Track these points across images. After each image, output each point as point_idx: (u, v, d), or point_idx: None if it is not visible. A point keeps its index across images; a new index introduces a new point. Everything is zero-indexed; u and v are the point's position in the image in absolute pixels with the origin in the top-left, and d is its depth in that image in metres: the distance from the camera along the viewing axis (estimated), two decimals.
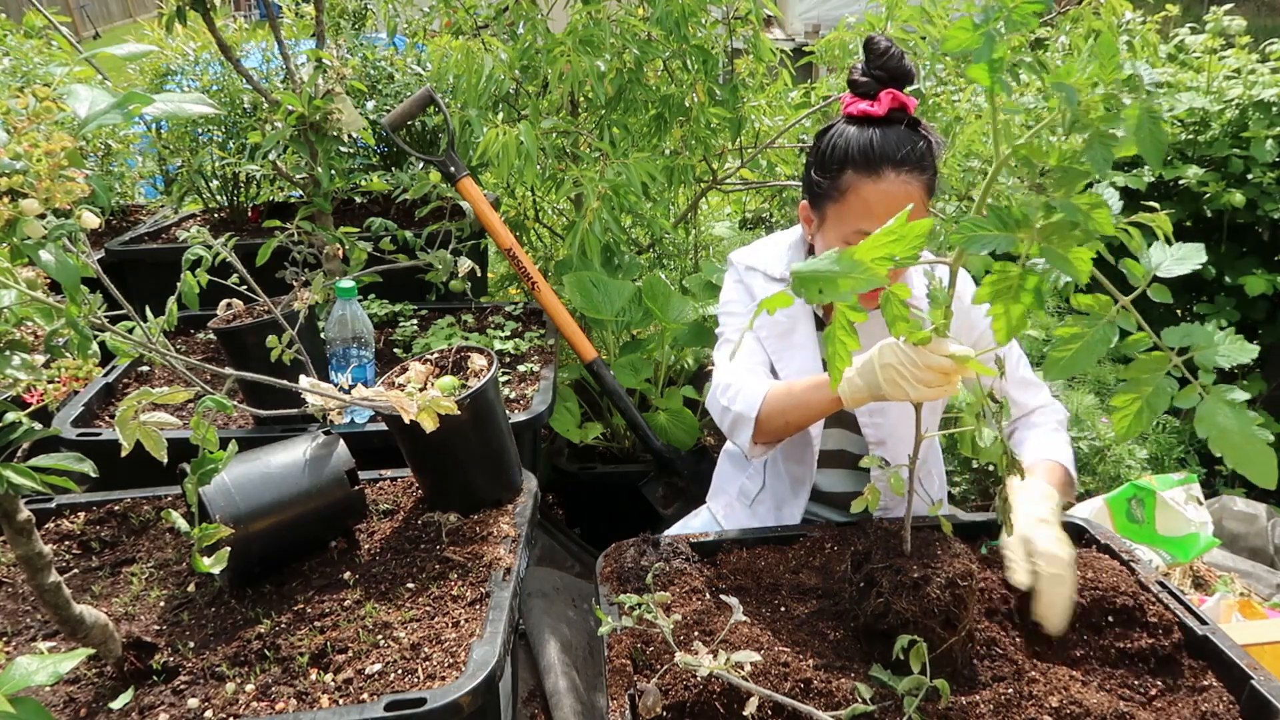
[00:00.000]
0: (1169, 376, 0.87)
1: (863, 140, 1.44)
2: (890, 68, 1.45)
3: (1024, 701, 1.21)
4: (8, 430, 0.99)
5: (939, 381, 1.19)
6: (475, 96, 2.25)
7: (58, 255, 0.83)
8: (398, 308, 2.58)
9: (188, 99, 0.98)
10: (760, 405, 1.50)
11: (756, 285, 1.68)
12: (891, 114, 1.45)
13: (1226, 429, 0.83)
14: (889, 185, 1.43)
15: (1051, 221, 0.91)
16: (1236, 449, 0.83)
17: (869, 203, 1.45)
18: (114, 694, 1.20)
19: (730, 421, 1.56)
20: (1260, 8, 6.33)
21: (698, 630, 1.29)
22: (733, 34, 2.54)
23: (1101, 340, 0.90)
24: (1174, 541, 2.17)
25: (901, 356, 1.21)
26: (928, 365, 1.18)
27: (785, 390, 1.50)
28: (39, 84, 1.09)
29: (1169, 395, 0.87)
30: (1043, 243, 0.91)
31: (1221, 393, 0.85)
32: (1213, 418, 0.84)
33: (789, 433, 1.54)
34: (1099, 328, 0.90)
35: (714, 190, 2.96)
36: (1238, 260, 3.16)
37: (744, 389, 1.54)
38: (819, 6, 9.07)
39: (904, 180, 1.43)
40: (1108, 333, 0.90)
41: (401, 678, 1.20)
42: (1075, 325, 0.92)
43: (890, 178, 1.43)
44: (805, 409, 1.46)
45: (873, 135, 1.44)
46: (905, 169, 1.43)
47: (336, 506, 1.49)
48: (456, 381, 1.54)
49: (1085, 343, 0.91)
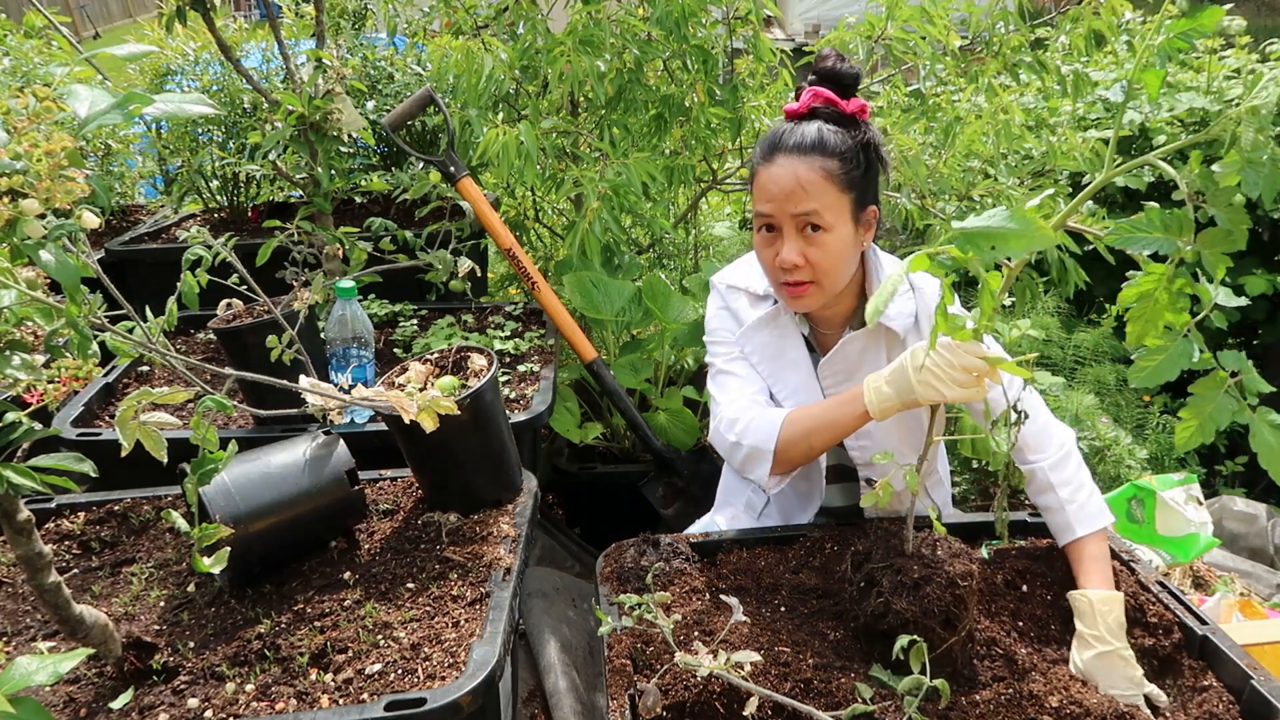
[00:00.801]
0: (1227, 395, 1.04)
1: (769, 133, 1.51)
2: (821, 70, 1.51)
3: (1024, 701, 1.21)
4: (8, 430, 0.99)
5: (972, 383, 1.23)
6: (475, 96, 2.25)
7: (58, 255, 0.83)
8: (398, 308, 2.58)
9: (188, 99, 0.98)
10: (778, 435, 1.49)
11: (741, 306, 1.66)
12: (813, 110, 1.50)
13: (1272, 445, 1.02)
14: (777, 167, 1.47)
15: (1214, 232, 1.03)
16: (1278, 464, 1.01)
17: (762, 185, 1.50)
18: (114, 694, 1.20)
19: (743, 456, 1.54)
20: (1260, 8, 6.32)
21: (698, 630, 1.29)
22: (733, 34, 2.54)
23: (1183, 354, 1.05)
24: (1174, 541, 2.17)
25: (936, 358, 1.24)
26: (963, 365, 1.21)
27: (805, 414, 1.49)
28: (39, 84, 1.09)
29: (1230, 412, 1.04)
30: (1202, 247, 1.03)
31: (1265, 414, 1.03)
32: (1261, 434, 1.03)
33: (812, 457, 1.52)
34: (1181, 343, 1.06)
35: (714, 190, 2.95)
36: (1238, 260, 3.16)
37: (754, 421, 1.52)
38: (819, 6, 9.07)
39: (792, 162, 1.45)
40: (1187, 347, 1.05)
41: (401, 678, 1.20)
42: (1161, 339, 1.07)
43: (779, 160, 1.47)
44: (831, 427, 1.45)
45: (780, 128, 1.50)
46: (795, 153, 1.46)
47: (336, 506, 1.49)
48: (456, 381, 1.54)
49: (1169, 355, 1.05)
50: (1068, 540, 1.47)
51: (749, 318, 1.64)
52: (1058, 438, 1.51)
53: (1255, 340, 3.32)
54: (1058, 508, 1.48)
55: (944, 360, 1.23)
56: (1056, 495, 1.47)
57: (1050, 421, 1.54)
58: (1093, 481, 1.52)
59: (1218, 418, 1.04)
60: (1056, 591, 1.45)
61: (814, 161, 1.45)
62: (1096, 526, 1.46)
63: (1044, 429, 1.52)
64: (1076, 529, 1.45)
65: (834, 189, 1.45)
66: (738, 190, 3.19)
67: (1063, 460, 1.49)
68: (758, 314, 1.63)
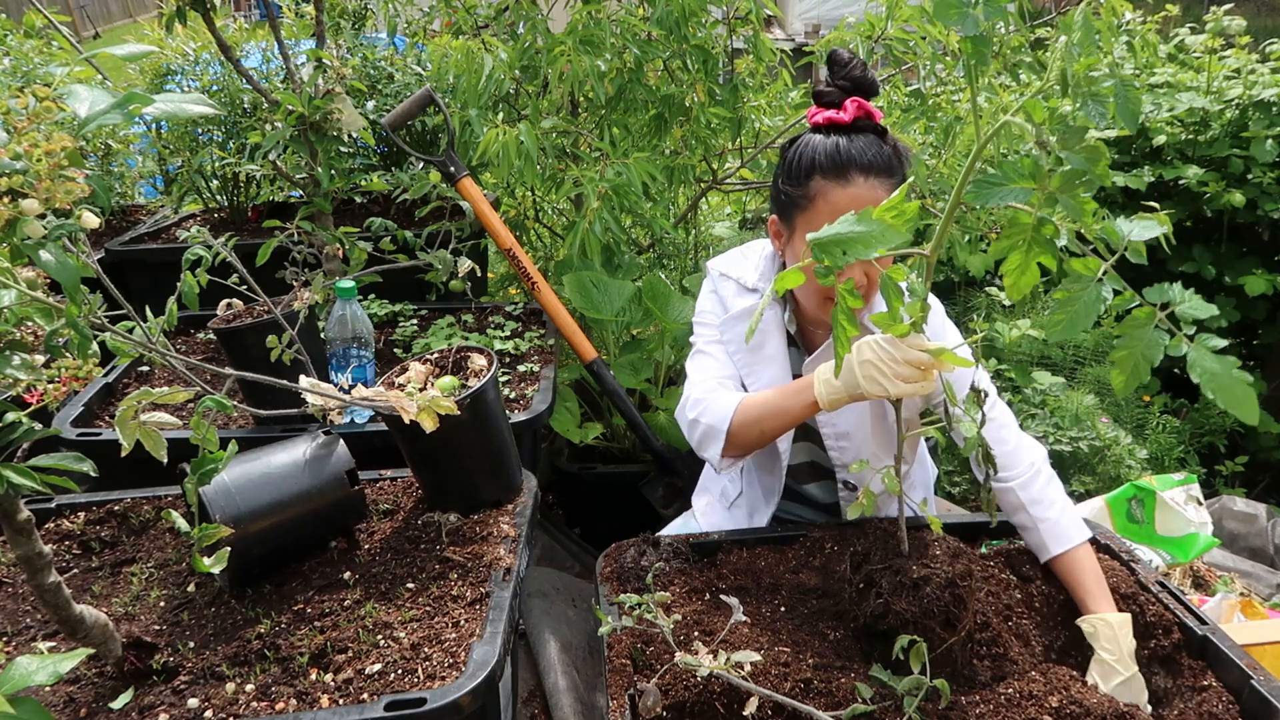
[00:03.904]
0: (1158, 330, 0.95)
1: (829, 146, 1.45)
2: (854, 78, 1.47)
3: (1024, 701, 1.21)
4: (8, 430, 1.00)
5: (916, 376, 1.21)
6: (475, 96, 2.25)
7: (58, 255, 0.83)
8: (398, 308, 2.58)
9: (188, 99, 0.98)
10: (732, 417, 1.50)
11: (729, 293, 1.66)
12: (858, 121, 1.47)
13: (1215, 372, 0.92)
14: (857, 189, 1.44)
15: (1062, 174, 0.98)
16: (1225, 389, 0.91)
17: (837, 207, 1.43)
18: (114, 694, 1.20)
19: (700, 434, 1.56)
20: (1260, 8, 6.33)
21: (698, 630, 1.29)
22: (733, 34, 2.54)
23: (1095, 300, 0.98)
24: (1174, 541, 2.17)
25: (880, 352, 1.23)
26: (905, 359, 1.21)
27: (759, 399, 1.50)
28: (39, 84, 1.09)
29: (1162, 346, 0.95)
30: (1057, 191, 0.99)
31: (1204, 340, 0.93)
32: (1202, 363, 0.92)
33: (764, 442, 1.54)
34: (1091, 288, 0.98)
35: (714, 190, 2.95)
36: (1238, 260, 3.16)
37: (714, 402, 1.55)
38: (819, 6, 9.07)
39: (871, 185, 1.43)
40: (1098, 291, 0.98)
41: (401, 678, 1.20)
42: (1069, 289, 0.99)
43: (859, 182, 1.43)
44: (781, 415, 1.47)
45: (839, 142, 1.45)
46: (873, 174, 1.43)
47: (336, 506, 1.49)
48: (456, 381, 1.54)
49: (1081, 302, 0.98)
50: (1046, 559, 1.47)
51: (734, 306, 1.65)
52: (1028, 457, 1.50)
53: (1255, 340, 3.32)
54: (1031, 527, 1.48)
55: (886, 354, 1.22)
56: (1028, 514, 1.47)
57: (1021, 443, 1.52)
58: (1067, 499, 1.51)
59: (1150, 354, 0.95)
60: (1056, 590, 1.45)
61: (886, 181, 1.44)
62: (1069, 545, 1.45)
63: (1015, 450, 1.50)
64: (1051, 547, 1.45)
65: None
66: (737, 190, 3.20)
67: (1031, 478, 1.48)
68: (743, 304, 1.64)
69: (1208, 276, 3.13)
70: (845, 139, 1.45)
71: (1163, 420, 2.90)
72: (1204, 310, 0.96)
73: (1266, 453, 3.16)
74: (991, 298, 3.28)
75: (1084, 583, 1.41)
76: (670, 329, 2.45)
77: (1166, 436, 2.82)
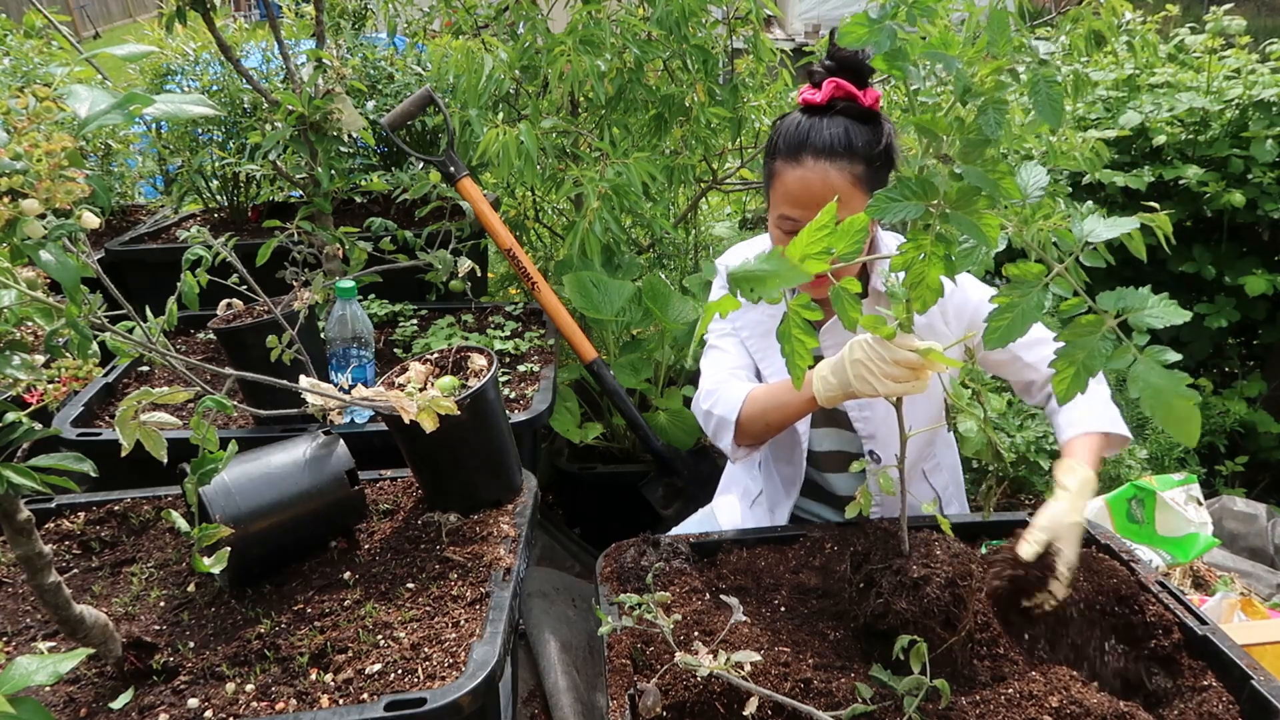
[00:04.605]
0: (1104, 339, 0.90)
1: (792, 126, 1.47)
2: (840, 58, 1.47)
3: (1024, 701, 1.21)
4: (8, 430, 0.99)
5: (907, 377, 1.21)
6: (475, 96, 2.25)
7: (58, 255, 0.83)
8: (398, 308, 2.58)
9: (188, 99, 0.98)
10: (740, 408, 1.52)
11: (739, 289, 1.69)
12: (833, 102, 1.46)
13: (1158, 387, 0.85)
14: (805, 171, 1.44)
15: (957, 188, 0.95)
16: (1165, 407, 0.85)
17: (788, 187, 1.47)
18: (114, 694, 1.20)
19: (713, 425, 1.59)
20: (1260, 8, 6.33)
21: (698, 630, 1.29)
22: (733, 34, 2.54)
23: (1035, 307, 0.94)
24: (1174, 542, 2.17)
25: (870, 352, 1.23)
26: (894, 360, 1.21)
27: (765, 392, 1.52)
28: (39, 84, 1.09)
29: (1104, 357, 0.89)
30: (951, 209, 0.96)
31: (1154, 353, 0.87)
32: (1146, 377, 0.86)
33: (772, 433, 1.55)
34: (1032, 294, 0.94)
35: (714, 190, 2.96)
36: (1238, 260, 3.16)
37: (724, 393, 1.57)
38: (819, 6, 9.07)
39: (822, 167, 1.43)
40: (1040, 298, 0.94)
41: (401, 678, 1.20)
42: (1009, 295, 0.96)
43: (808, 164, 1.44)
44: (783, 409, 1.48)
45: (802, 122, 1.46)
46: (825, 156, 1.43)
47: (336, 506, 1.49)
48: (456, 381, 1.54)
49: (1020, 310, 0.95)
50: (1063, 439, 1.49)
51: (744, 300, 1.66)
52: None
53: (1255, 340, 3.32)
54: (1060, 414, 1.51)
55: (875, 354, 1.23)
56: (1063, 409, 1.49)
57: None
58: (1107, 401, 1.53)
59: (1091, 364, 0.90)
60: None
61: (844, 166, 1.43)
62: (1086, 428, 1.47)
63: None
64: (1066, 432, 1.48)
65: (861, 194, 1.45)
66: (737, 190, 3.20)
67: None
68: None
69: (1208, 276, 3.13)
70: (815, 119, 1.45)
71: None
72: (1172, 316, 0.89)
73: (1266, 453, 3.16)
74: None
75: (1078, 448, 1.45)
76: (670, 329, 2.45)
77: (1166, 436, 2.82)
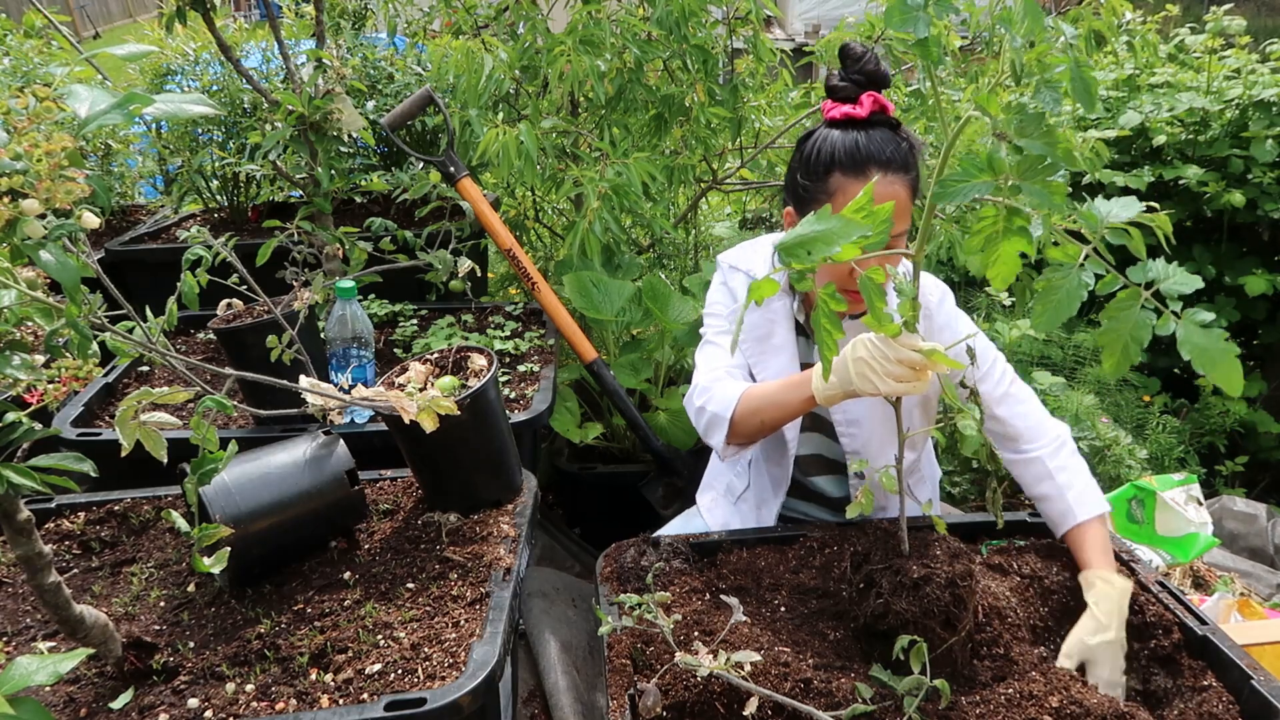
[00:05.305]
0: (1144, 310, 0.95)
1: (848, 142, 1.46)
2: (868, 71, 1.48)
3: (1024, 701, 1.21)
4: (8, 430, 0.99)
5: (909, 376, 1.22)
6: (475, 96, 2.25)
7: (58, 255, 0.83)
8: (398, 308, 2.58)
9: (188, 99, 0.98)
10: (735, 406, 1.52)
11: (739, 287, 1.68)
12: (874, 116, 1.47)
13: (1203, 346, 0.92)
14: (875, 185, 1.44)
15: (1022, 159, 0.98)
16: (1211, 362, 0.91)
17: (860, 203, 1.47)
18: (114, 694, 1.20)
19: (705, 422, 1.58)
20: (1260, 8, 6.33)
21: (698, 630, 1.29)
22: (733, 34, 2.54)
23: (1078, 286, 0.97)
24: (1174, 541, 2.17)
25: (873, 350, 1.24)
26: (898, 359, 1.21)
27: (761, 390, 1.52)
28: (39, 84, 1.09)
29: (1150, 326, 0.94)
30: (1020, 180, 0.98)
31: (1191, 315, 0.93)
32: (1191, 339, 0.92)
33: (765, 433, 1.55)
34: (1073, 275, 0.98)
35: (714, 190, 2.95)
36: (1238, 260, 3.16)
37: (719, 391, 1.56)
38: (819, 6, 9.07)
39: (890, 180, 1.44)
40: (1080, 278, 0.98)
41: (401, 678, 1.20)
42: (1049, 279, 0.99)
43: (876, 177, 1.44)
44: (780, 408, 1.48)
45: (857, 137, 1.46)
46: (891, 169, 1.44)
47: (336, 506, 1.49)
48: (456, 381, 1.54)
49: (1064, 290, 0.98)
50: (1069, 526, 1.49)
51: (744, 298, 1.66)
52: (1053, 430, 1.56)
53: (1255, 340, 3.32)
54: (1056, 495, 1.51)
55: (878, 353, 1.23)
56: (1055, 483, 1.51)
57: (1045, 416, 1.58)
58: (1089, 472, 1.55)
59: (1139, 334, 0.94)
60: (1056, 590, 1.45)
61: (904, 178, 1.45)
62: (1096, 512, 1.48)
63: (1039, 423, 1.56)
64: (1077, 513, 1.48)
65: (910, 201, 1.48)
66: (737, 190, 3.19)
67: (1058, 448, 1.54)
68: None
69: (1208, 276, 3.13)
70: (863, 134, 1.46)
71: (1163, 420, 2.90)
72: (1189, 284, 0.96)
73: (1266, 453, 3.16)
74: (991, 298, 3.28)
75: (1097, 551, 1.45)
76: (670, 329, 2.45)
77: (1166, 436, 2.82)
